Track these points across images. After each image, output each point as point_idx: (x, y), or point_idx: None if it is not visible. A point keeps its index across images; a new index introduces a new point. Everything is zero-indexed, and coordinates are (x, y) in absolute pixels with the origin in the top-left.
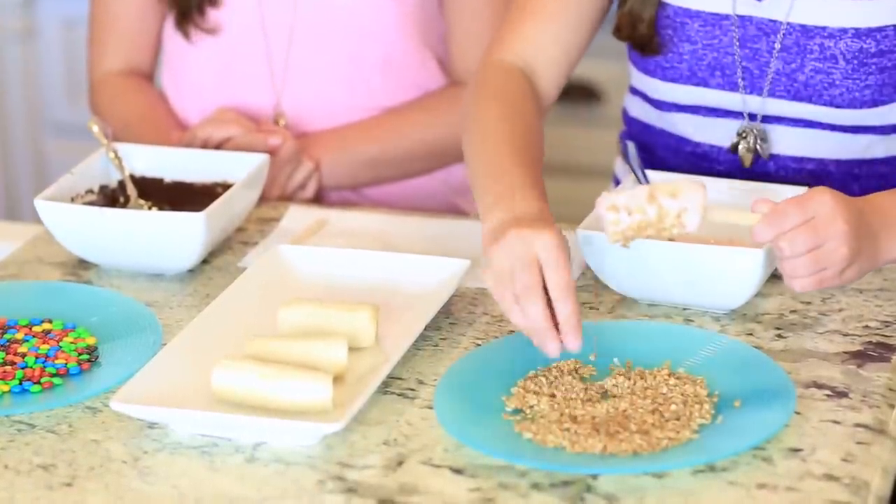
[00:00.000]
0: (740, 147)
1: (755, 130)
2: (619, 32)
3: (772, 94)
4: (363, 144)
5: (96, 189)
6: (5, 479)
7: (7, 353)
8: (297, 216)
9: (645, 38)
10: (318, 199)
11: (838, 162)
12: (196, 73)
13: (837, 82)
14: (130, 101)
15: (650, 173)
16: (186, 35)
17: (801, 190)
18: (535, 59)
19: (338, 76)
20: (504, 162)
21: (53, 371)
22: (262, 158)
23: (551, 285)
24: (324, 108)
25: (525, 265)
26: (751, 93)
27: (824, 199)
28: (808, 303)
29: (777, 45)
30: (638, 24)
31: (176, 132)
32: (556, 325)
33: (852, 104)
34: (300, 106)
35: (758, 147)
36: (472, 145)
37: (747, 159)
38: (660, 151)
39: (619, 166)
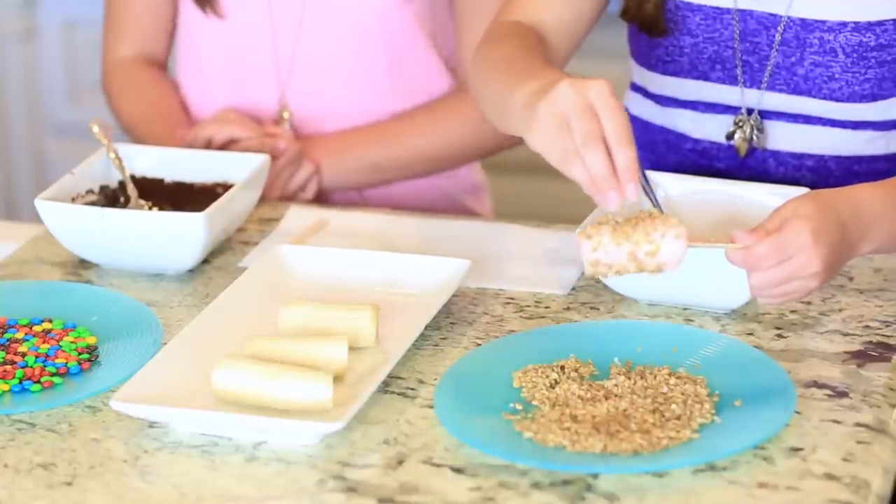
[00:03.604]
0: (736, 136)
1: (752, 120)
2: (625, 14)
3: (771, 88)
4: (365, 148)
5: (97, 189)
6: (5, 477)
7: (7, 353)
8: (297, 216)
9: (652, 19)
10: (322, 199)
11: (838, 158)
12: (208, 60)
13: (837, 76)
14: (141, 95)
15: (650, 174)
16: (202, 7)
17: (800, 191)
18: (545, 21)
19: (343, 76)
20: (520, 56)
21: (53, 370)
22: (262, 159)
23: (610, 131)
24: (329, 107)
25: (582, 113)
26: (750, 86)
27: (805, 243)
28: (809, 303)
29: (777, 39)
30: (645, 3)
31: (180, 130)
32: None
33: (851, 98)
34: (305, 102)
35: (754, 137)
36: (485, 68)
37: (743, 149)
38: (660, 149)
39: None
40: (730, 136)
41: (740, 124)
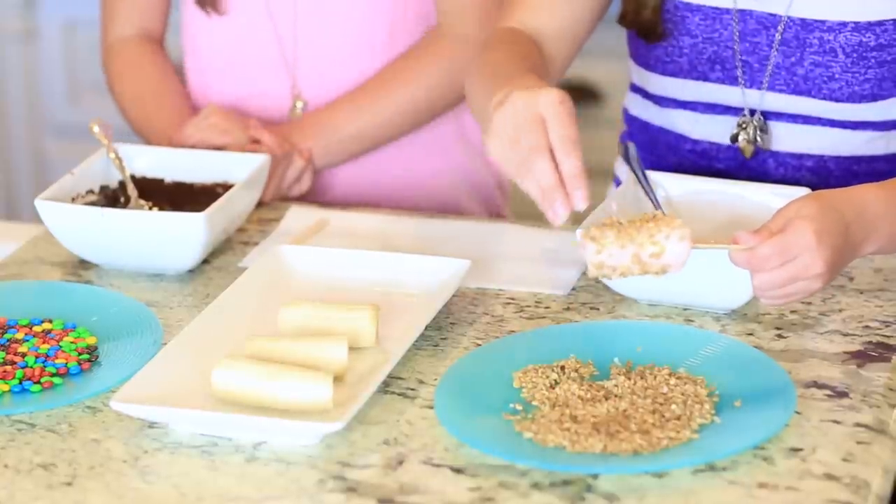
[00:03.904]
0: (740, 138)
1: (755, 121)
2: (623, 20)
3: (771, 88)
4: (347, 119)
5: (97, 189)
6: (5, 478)
7: (7, 353)
8: (297, 216)
9: (649, 24)
10: (322, 192)
11: (838, 159)
12: (214, 57)
13: (837, 76)
14: (141, 73)
15: (650, 174)
16: (203, 6)
17: (801, 191)
18: (543, 28)
19: (347, 50)
20: (505, 64)
21: (53, 371)
22: (262, 159)
23: (554, 140)
24: (340, 84)
25: (529, 124)
26: (750, 87)
27: (809, 244)
28: (809, 303)
29: (777, 39)
30: (642, 9)
31: (180, 115)
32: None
33: (851, 98)
34: (317, 84)
35: (758, 138)
36: (475, 75)
37: (748, 150)
38: (660, 149)
39: (619, 167)
40: (734, 139)
41: (744, 126)
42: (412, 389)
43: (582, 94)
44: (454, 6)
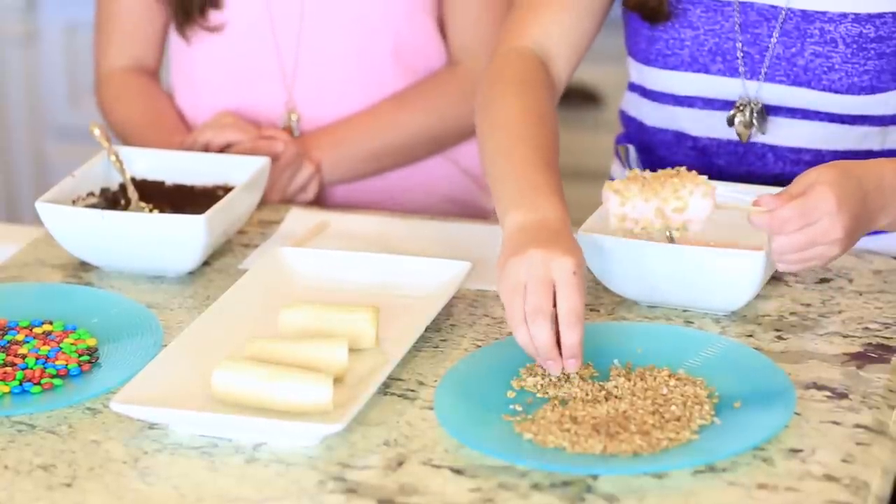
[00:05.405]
0: (737, 121)
1: (752, 104)
2: (628, 1)
3: (771, 79)
4: (363, 139)
5: (97, 192)
6: (5, 479)
7: (7, 355)
8: (298, 218)
9: (655, 4)
10: (321, 197)
11: (835, 153)
12: (205, 71)
13: (836, 66)
14: (134, 104)
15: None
16: (186, 38)
17: None
18: (549, 46)
19: (349, 68)
20: (526, 161)
21: (54, 372)
22: (262, 161)
23: (562, 310)
24: (336, 102)
25: (539, 285)
26: (751, 78)
27: (829, 208)
28: (808, 304)
29: (777, 30)
30: None
31: (178, 136)
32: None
33: (850, 90)
34: (312, 100)
35: (754, 121)
36: (491, 141)
37: (744, 135)
38: (659, 150)
39: (616, 169)
40: (730, 121)
41: (741, 108)
42: (412, 391)
43: (581, 98)
44: (468, 42)
